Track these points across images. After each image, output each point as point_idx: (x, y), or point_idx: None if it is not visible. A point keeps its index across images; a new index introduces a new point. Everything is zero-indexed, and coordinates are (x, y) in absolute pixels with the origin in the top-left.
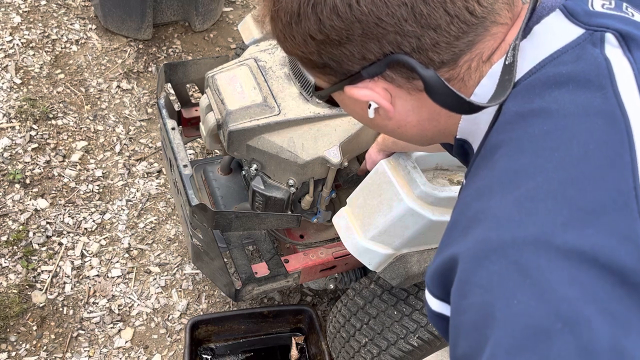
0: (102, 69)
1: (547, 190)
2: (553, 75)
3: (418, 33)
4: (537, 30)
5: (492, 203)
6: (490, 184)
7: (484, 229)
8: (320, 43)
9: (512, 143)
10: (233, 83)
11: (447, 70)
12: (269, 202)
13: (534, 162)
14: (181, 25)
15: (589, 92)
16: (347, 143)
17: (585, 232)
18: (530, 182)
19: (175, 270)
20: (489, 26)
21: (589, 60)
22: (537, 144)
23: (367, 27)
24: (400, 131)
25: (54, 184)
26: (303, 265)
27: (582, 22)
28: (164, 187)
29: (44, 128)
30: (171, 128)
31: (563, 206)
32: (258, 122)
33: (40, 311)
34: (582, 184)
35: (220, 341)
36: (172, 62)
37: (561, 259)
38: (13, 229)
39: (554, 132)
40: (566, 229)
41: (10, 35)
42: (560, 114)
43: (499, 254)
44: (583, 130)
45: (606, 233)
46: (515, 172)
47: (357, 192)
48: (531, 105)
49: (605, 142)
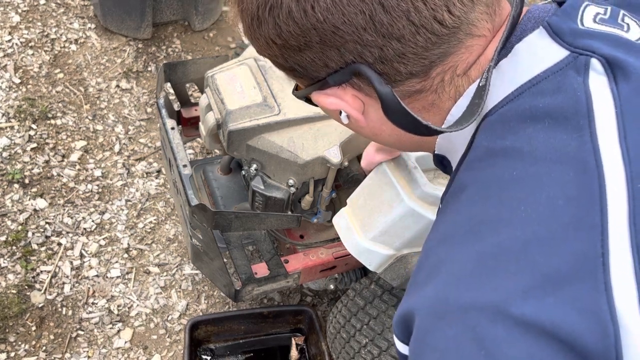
0: (101, 69)
1: (510, 250)
2: (529, 108)
3: (379, 43)
4: (518, 49)
5: (453, 255)
6: (454, 232)
7: (442, 285)
8: (282, 47)
9: (478, 185)
10: (233, 83)
11: (419, 82)
12: (269, 202)
13: (499, 213)
14: (181, 25)
15: (565, 133)
16: (348, 143)
17: (546, 303)
18: (494, 237)
19: (174, 270)
20: (463, 38)
21: (569, 93)
22: (504, 191)
23: (324, 34)
24: (377, 139)
25: (53, 184)
26: (303, 265)
27: (567, 43)
28: (163, 187)
29: (43, 128)
30: (171, 128)
31: (525, 271)
32: (258, 121)
33: (39, 311)
34: (546, 246)
35: (220, 342)
36: (171, 62)
37: (519, 331)
38: (12, 229)
39: (523, 179)
40: (526, 297)
41: (9, 34)
42: (532, 157)
43: (455, 318)
44: (553, 182)
45: (568, 305)
46: (479, 222)
47: (357, 192)
48: (503, 143)
49: (575, 199)
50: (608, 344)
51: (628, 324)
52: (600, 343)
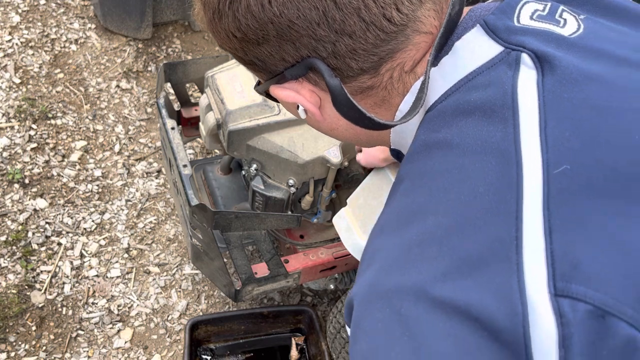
0: (101, 69)
1: (434, 237)
2: (463, 103)
3: (332, 38)
4: (457, 46)
5: (386, 243)
6: (388, 222)
7: (375, 272)
8: (241, 41)
9: (412, 177)
10: (233, 82)
11: (370, 78)
12: (269, 202)
13: (427, 202)
14: (181, 25)
15: (491, 125)
16: (347, 143)
17: (461, 285)
18: (421, 225)
19: (174, 270)
20: (410, 35)
21: (498, 87)
22: (433, 182)
23: (280, 28)
24: (334, 134)
25: (53, 184)
26: (303, 265)
27: (502, 39)
28: (163, 187)
29: (43, 128)
30: (171, 128)
31: (445, 255)
32: (258, 121)
33: (39, 311)
34: (465, 231)
35: (220, 341)
36: (171, 62)
37: (437, 311)
38: (12, 229)
39: (450, 170)
40: (445, 279)
41: (9, 34)
42: (460, 149)
43: (384, 301)
44: (476, 171)
45: (482, 286)
46: (410, 212)
47: (357, 192)
48: (437, 136)
49: (493, 186)
50: (516, 321)
51: (536, 302)
52: (509, 321)
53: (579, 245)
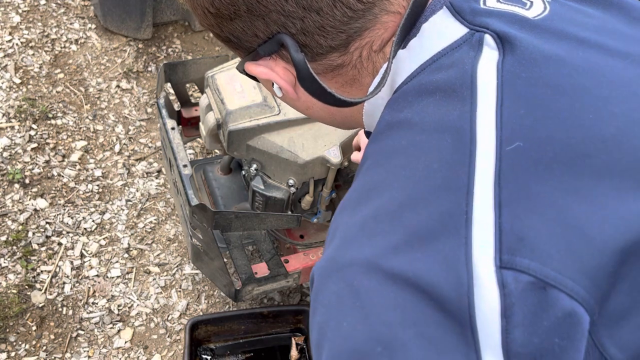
0: (101, 69)
1: (387, 212)
2: (425, 83)
3: (300, 14)
4: (424, 28)
5: (345, 219)
6: (349, 200)
7: (333, 248)
8: (216, 16)
9: (374, 155)
10: (233, 82)
11: (339, 56)
12: (269, 202)
13: (385, 179)
14: (181, 25)
15: (450, 104)
16: (348, 143)
17: (412, 257)
18: (377, 200)
19: (174, 270)
20: (378, 13)
21: (459, 67)
22: (392, 159)
23: (250, 3)
24: (310, 112)
25: (53, 184)
26: (303, 265)
27: (466, 21)
28: (163, 187)
29: (43, 128)
30: (171, 128)
31: (398, 229)
32: (258, 121)
33: (39, 311)
34: (417, 206)
35: (220, 341)
36: (171, 62)
37: (388, 283)
38: (12, 229)
39: (408, 147)
40: (397, 252)
41: (9, 34)
42: (419, 127)
43: (339, 275)
44: (432, 148)
45: (431, 259)
46: (368, 189)
47: None
48: (399, 115)
49: (447, 162)
50: (461, 292)
51: (481, 274)
52: (455, 292)
53: (526, 220)
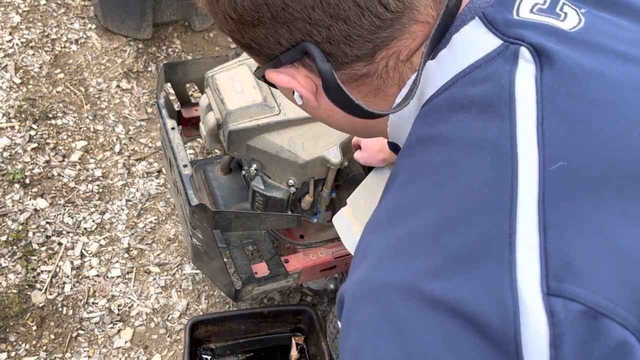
0: (101, 69)
1: (424, 232)
2: (459, 97)
3: (327, 23)
4: (455, 39)
5: (378, 239)
6: (381, 217)
7: (366, 268)
8: (238, 22)
9: (406, 171)
10: (233, 83)
11: (364, 65)
12: (269, 202)
13: (420, 197)
14: (181, 25)
15: (487, 120)
16: (348, 143)
17: (452, 281)
18: (413, 220)
19: (175, 270)
20: (406, 23)
21: (495, 81)
22: (426, 176)
23: (275, 10)
24: (330, 121)
25: (53, 184)
26: (303, 265)
27: (500, 33)
28: (163, 187)
29: (43, 128)
30: (171, 128)
31: (437, 251)
32: (258, 121)
33: (39, 311)
34: (457, 227)
35: (220, 341)
36: (171, 62)
37: (428, 308)
38: (12, 229)
39: (443, 165)
40: (436, 276)
41: (9, 34)
42: (455, 143)
43: (374, 298)
44: (470, 166)
45: (473, 283)
46: (402, 208)
47: (357, 192)
48: (432, 130)
49: (487, 181)
50: (507, 320)
51: (528, 300)
52: (500, 319)
53: (573, 244)
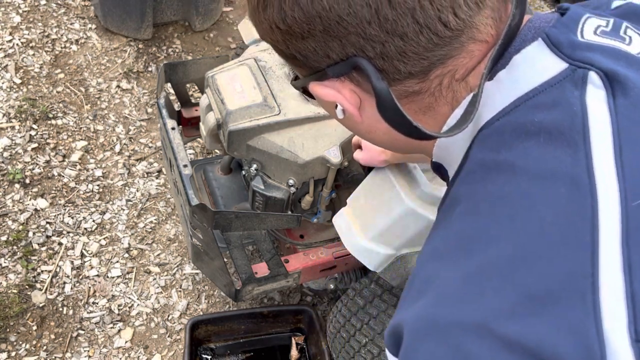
0: (101, 69)
1: (497, 268)
2: (524, 123)
3: (382, 38)
4: (516, 60)
5: (442, 272)
6: (444, 248)
7: (430, 302)
8: (285, 33)
9: (470, 200)
10: (233, 83)
11: (417, 83)
12: (269, 202)
13: (488, 229)
14: (181, 25)
15: (559, 149)
16: (348, 143)
17: (531, 323)
18: (482, 255)
19: (175, 270)
20: (465, 42)
21: (565, 108)
22: (495, 207)
23: (328, 24)
24: (371, 137)
25: (53, 184)
26: (303, 265)
27: (566, 55)
28: (164, 187)
29: (43, 128)
30: (171, 128)
31: (511, 289)
32: (258, 122)
33: (40, 311)
34: (534, 264)
35: (220, 341)
36: (172, 62)
37: (504, 350)
38: (13, 229)
39: (513, 195)
40: (511, 316)
41: (10, 35)
42: (524, 173)
43: (440, 336)
44: (545, 199)
45: (554, 326)
46: (468, 239)
47: (357, 192)
48: (497, 157)
49: (565, 217)
50: None
51: (616, 347)
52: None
53: None
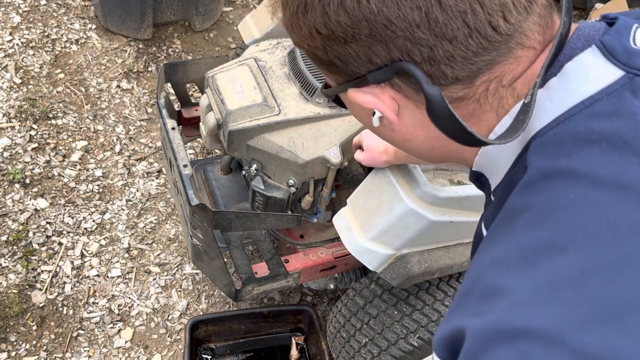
0: (102, 69)
1: (568, 278)
2: (584, 131)
3: (431, 42)
4: (568, 68)
5: (507, 280)
6: (508, 257)
7: (496, 309)
8: (326, 38)
9: (534, 210)
10: (233, 83)
11: (462, 88)
12: (269, 202)
13: (554, 239)
14: (181, 25)
15: (624, 157)
16: (347, 143)
17: (604, 334)
18: (550, 263)
19: (175, 270)
20: (513, 47)
21: (627, 117)
22: (560, 215)
23: (375, 27)
24: (407, 145)
25: (53, 184)
26: (303, 265)
27: (622, 63)
28: (164, 187)
29: (43, 128)
30: (171, 128)
31: (584, 299)
32: (258, 122)
33: (40, 311)
34: (606, 274)
35: (220, 341)
36: (172, 62)
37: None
38: (13, 229)
39: (580, 203)
40: (584, 327)
41: (10, 35)
42: (589, 180)
43: (508, 342)
44: (614, 208)
45: (629, 336)
46: (534, 248)
47: (357, 192)
48: (557, 164)
49: (638, 226)
50: None
51: None
52: None
53: None
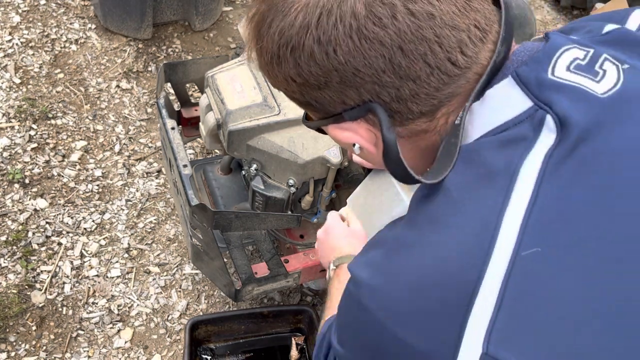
0: (101, 69)
1: (408, 273)
2: (474, 152)
3: (397, 84)
4: (489, 94)
5: (371, 253)
6: (385, 241)
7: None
8: (301, 85)
9: (414, 209)
10: (233, 83)
11: (425, 122)
12: (269, 202)
13: (415, 241)
14: (181, 25)
15: (489, 189)
16: None
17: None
18: (404, 258)
19: (174, 270)
20: (470, 77)
21: (510, 152)
22: (425, 228)
23: (345, 75)
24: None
25: (53, 184)
26: (303, 265)
27: (532, 94)
28: (163, 187)
29: (43, 128)
30: (171, 128)
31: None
32: (258, 121)
33: (39, 311)
34: (426, 287)
35: (220, 341)
36: (171, 62)
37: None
38: (12, 229)
39: (441, 223)
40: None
41: (9, 34)
42: (453, 204)
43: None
44: (457, 232)
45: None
46: (400, 243)
47: (357, 192)
48: (444, 182)
49: (462, 256)
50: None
51: (465, 349)
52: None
53: (516, 333)
